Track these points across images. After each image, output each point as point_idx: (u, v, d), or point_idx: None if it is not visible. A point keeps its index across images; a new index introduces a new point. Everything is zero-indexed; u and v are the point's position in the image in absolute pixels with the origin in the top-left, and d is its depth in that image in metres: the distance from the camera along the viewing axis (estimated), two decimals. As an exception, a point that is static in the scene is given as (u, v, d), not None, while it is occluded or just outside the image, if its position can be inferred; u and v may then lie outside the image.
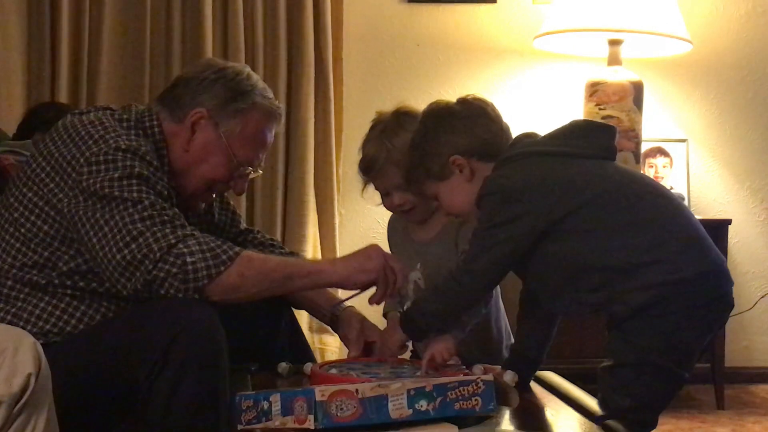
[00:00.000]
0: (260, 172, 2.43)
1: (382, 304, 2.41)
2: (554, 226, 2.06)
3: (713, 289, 2.05)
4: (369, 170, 2.47)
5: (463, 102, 2.30)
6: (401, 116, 2.47)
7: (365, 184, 2.53)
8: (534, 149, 2.17)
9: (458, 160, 2.22)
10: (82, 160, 2.12)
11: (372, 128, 2.50)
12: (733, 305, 2.11)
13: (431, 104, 2.33)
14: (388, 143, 2.42)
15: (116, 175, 2.10)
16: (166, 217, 2.09)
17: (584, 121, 2.31)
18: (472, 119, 2.27)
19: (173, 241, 2.06)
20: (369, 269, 2.23)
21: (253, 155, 2.32)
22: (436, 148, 2.23)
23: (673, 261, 2.02)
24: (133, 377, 1.97)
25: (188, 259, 2.05)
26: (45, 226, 2.14)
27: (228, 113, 2.28)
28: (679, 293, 2.01)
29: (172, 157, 2.28)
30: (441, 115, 2.28)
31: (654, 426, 2.08)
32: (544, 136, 2.21)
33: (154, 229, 2.07)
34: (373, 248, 2.28)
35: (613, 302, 2.04)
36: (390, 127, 2.45)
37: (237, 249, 2.13)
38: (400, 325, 2.24)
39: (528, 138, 2.23)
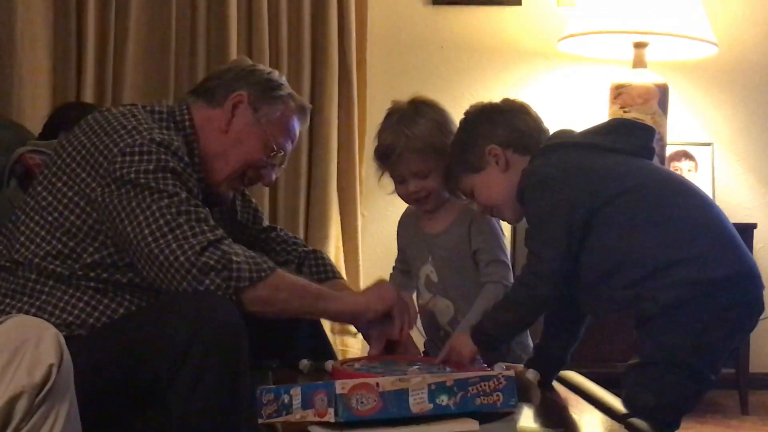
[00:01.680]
0: (283, 167, 2.45)
1: None
2: (593, 216, 2.06)
3: (743, 291, 2.04)
4: (387, 157, 2.48)
5: (506, 99, 2.37)
6: (418, 105, 2.50)
7: (381, 172, 2.53)
8: (572, 140, 2.19)
9: (494, 149, 2.26)
10: (115, 150, 2.13)
11: (388, 116, 2.52)
12: (763, 309, 2.10)
13: (475, 103, 2.39)
14: (407, 130, 2.43)
15: (151, 167, 2.11)
16: (201, 215, 2.11)
17: (624, 119, 2.33)
18: (513, 113, 2.33)
19: (212, 238, 2.08)
20: (386, 298, 2.30)
21: (285, 144, 2.37)
22: (474, 138, 2.29)
23: (704, 260, 2.01)
24: (155, 372, 1.97)
25: (234, 258, 2.07)
26: (72, 217, 2.15)
27: (266, 99, 2.33)
28: (708, 293, 2.00)
29: (207, 143, 2.30)
30: (482, 109, 2.35)
31: (677, 427, 2.07)
32: (582, 131, 2.22)
33: (192, 224, 2.08)
34: (383, 281, 2.41)
35: (643, 299, 2.03)
36: (407, 115, 2.47)
37: (273, 264, 2.16)
38: (472, 337, 2.21)
39: (565, 133, 2.24)
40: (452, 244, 2.51)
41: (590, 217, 2.07)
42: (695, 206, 2.11)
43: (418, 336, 2.54)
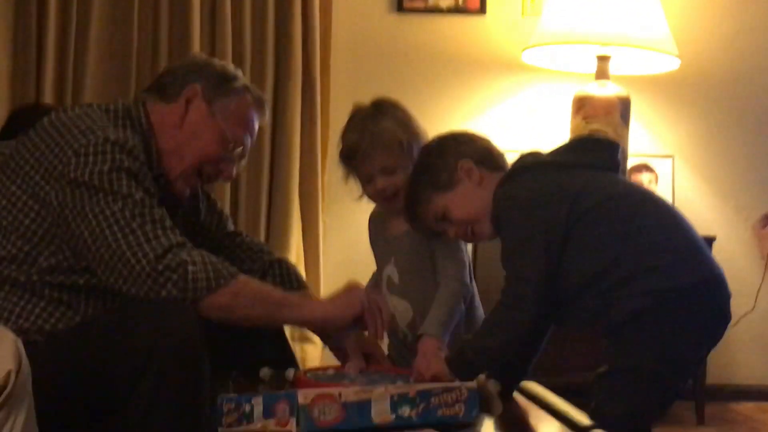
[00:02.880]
0: (243, 163, 2.42)
1: None
2: (568, 234, 2.07)
3: (710, 299, 2.06)
4: (353, 156, 2.48)
5: (460, 130, 2.43)
6: (380, 104, 2.51)
7: (347, 174, 2.53)
8: (541, 160, 2.20)
9: (466, 163, 2.27)
10: (69, 152, 2.10)
11: (351, 117, 2.52)
12: (730, 318, 2.12)
13: (428, 141, 2.41)
14: (372, 127, 2.43)
15: (105, 168, 2.08)
16: (156, 217, 2.08)
17: (589, 135, 2.36)
18: (472, 136, 2.38)
19: (166, 245, 2.05)
20: (353, 302, 2.24)
21: (242, 137, 2.32)
22: (443, 158, 2.29)
23: (670, 269, 2.03)
24: (114, 382, 1.96)
25: (189, 268, 2.04)
26: (26, 220, 2.12)
27: (221, 92, 2.29)
28: (674, 301, 2.02)
29: (162, 139, 2.26)
30: (442, 136, 2.38)
31: (647, 435, 2.08)
32: (551, 151, 2.25)
33: (146, 228, 2.06)
34: (352, 284, 2.32)
35: (611, 308, 2.05)
36: (370, 113, 2.48)
37: (235, 269, 2.12)
38: (449, 364, 2.17)
39: (532, 154, 2.26)
40: (413, 245, 2.50)
41: (566, 234, 2.08)
42: (662, 216, 2.13)
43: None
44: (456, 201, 2.28)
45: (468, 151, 2.29)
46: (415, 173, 2.36)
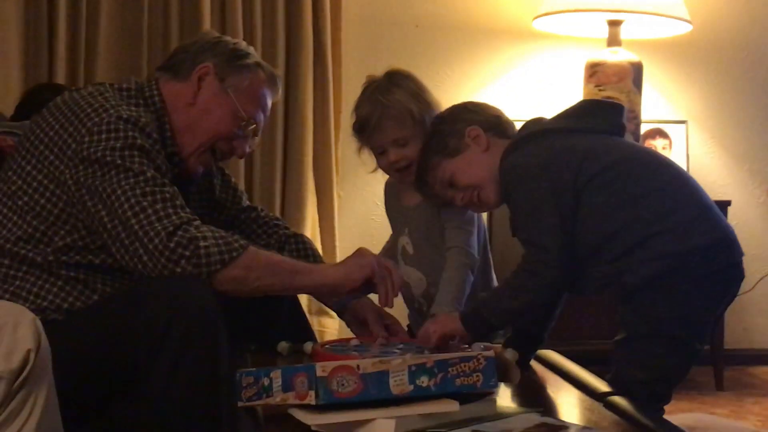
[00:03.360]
0: (257, 140, 2.42)
1: None
2: (578, 198, 2.07)
3: (723, 258, 2.06)
4: (364, 129, 2.48)
5: (473, 101, 2.44)
6: (392, 75, 2.51)
7: (360, 146, 2.53)
8: (547, 127, 2.20)
9: (474, 130, 2.28)
10: (83, 130, 2.11)
11: (364, 90, 2.52)
12: (744, 276, 2.12)
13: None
14: (383, 99, 2.43)
15: (118, 145, 2.09)
16: (167, 195, 2.09)
17: (593, 100, 2.35)
18: (483, 106, 2.39)
19: (177, 222, 2.05)
20: (364, 265, 2.24)
21: (255, 114, 2.32)
22: (452, 125, 2.30)
23: (682, 231, 2.03)
24: (132, 358, 1.97)
25: (201, 243, 2.05)
26: (42, 200, 2.13)
27: (233, 68, 2.29)
28: (688, 262, 2.02)
29: (175, 117, 2.27)
30: (454, 106, 2.39)
31: (669, 400, 2.09)
32: (554, 117, 2.24)
33: (158, 206, 2.06)
34: (363, 249, 2.31)
35: (624, 274, 2.05)
36: (383, 85, 2.48)
37: (246, 241, 2.13)
38: (464, 322, 2.16)
39: (537, 121, 2.26)
40: (426, 217, 2.51)
41: (576, 198, 2.08)
42: (671, 179, 2.13)
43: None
44: (462, 166, 2.28)
45: (477, 118, 2.30)
46: (426, 139, 2.37)
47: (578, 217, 2.09)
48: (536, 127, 2.22)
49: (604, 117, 2.22)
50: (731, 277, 2.10)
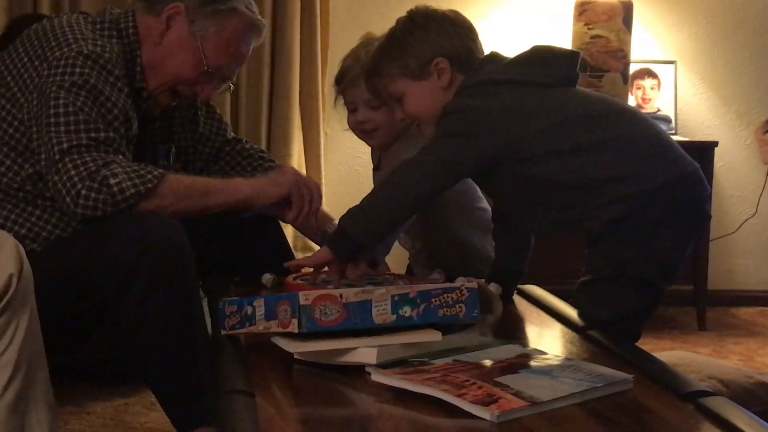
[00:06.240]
0: (231, 86, 2.37)
1: None
2: (511, 152, 2.04)
3: (687, 195, 2.05)
4: (340, 80, 2.45)
5: (456, 11, 2.24)
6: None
7: (336, 96, 2.49)
8: (495, 77, 2.12)
9: (442, 63, 2.14)
10: (45, 64, 2.10)
11: (359, 40, 2.48)
12: (710, 215, 2.12)
13: (420, 5, 2.24)
14: (365, 56, 2.34)
15: (67, 82, 2.06)
16: (92, 142, 2.05)
17: (546, 47, 2.22)
18: (464, 29, 2.21)
19: (93, 168, 2.02)
20: (281, 183, 2.22)
21: (224, 63, 2.26)
22: (421, 44, 2.15)
23: (641, 173, 2.01)
24: (102, 294, 1.98)
25: (112, 181, 2.01)
26: (10, 129, 2.13)
27: (205, 13, 2.22)
28: (649, 203, 2.01)
29: (145, 51, 2.24)
30: (432, 15, 2.20)
31: (638, 337, 2.09)
32: (507, 63, 2.15)
33: (72, 153, 2.03)
34: (288, 167, 2.30)
35: (586, 219, 2.04)
36: (372, 41, 2.39)
37: (160, 171, 2.09)
38: (330, 246, 2.10)
39: (491, 63, 2.16)
40: None
41: (507, 153, 2.03)
42: (624, 122, 2.09)
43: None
44: (416, 94, 2.16)
45: (449, 46, 2.15)
46: (390, 40, 2.21)
47: (526, 162, 2.04)
48: (484, 76, 2.14)
49: (555, 67, 2.13)
50: (697, 214, 2.08)
